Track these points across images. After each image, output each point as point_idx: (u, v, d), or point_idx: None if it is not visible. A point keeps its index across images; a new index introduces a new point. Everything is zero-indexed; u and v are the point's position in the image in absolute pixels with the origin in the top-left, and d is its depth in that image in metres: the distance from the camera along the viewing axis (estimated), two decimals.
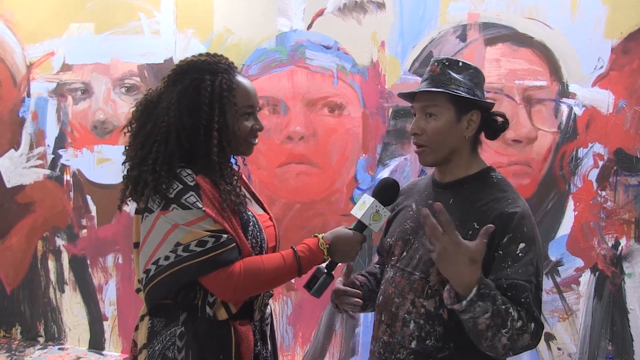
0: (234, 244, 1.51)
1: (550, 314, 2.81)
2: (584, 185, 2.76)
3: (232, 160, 1.74)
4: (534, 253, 1.49)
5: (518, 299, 1.44)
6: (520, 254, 1.47)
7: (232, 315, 1.55)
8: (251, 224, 1.60)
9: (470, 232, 1.53)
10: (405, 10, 2.97)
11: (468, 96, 1.56)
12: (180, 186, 1.49)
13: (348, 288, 1.72)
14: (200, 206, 1.48)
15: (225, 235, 1.49)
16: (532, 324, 1.43)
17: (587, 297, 2.78)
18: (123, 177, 1.60)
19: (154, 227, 1.49)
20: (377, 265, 1.91)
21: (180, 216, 1.47)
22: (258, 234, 1.62)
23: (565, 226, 2.79)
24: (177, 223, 1.47)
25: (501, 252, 1.48)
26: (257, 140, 1.70)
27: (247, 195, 1.71)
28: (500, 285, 1.46)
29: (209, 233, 1.47)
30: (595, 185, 2.74)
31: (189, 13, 3.34)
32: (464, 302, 1.35)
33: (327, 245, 1.61)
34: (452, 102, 1.57)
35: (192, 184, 1.50)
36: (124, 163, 1.61)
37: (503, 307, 1.37)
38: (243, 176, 1.82)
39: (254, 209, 1.68)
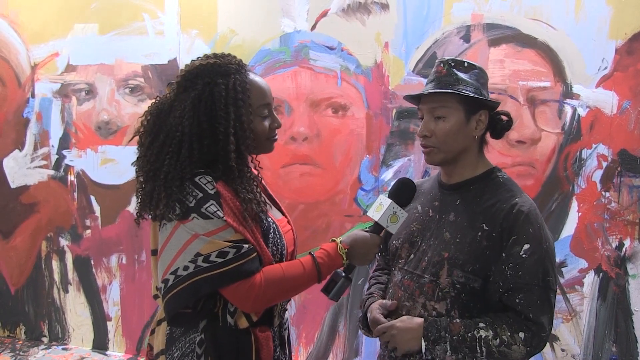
0: (255, 254, 1.48)
1: (554, 315, 2.80)
2: (588, 186, 2.75)
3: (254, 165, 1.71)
4: (541, 253, 1.49)
5: (512, 301, 1.47)
6: (524, 255, 1.48)
7: (252, 323, 1.53)
8: (272, 231, 1.58)
9: (479, 234, 1.53)
10: (409, 11, 2.97)
11: (477, 96, 1.56)
12: (200, 194, 1.45)
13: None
14: (221, 215, 1.44)
15: (246, 246, 1.46)
16: (522, 334, 1.45)
17: (591, 298, 2.78)
18: (137, 189, 1.57)
19: (172, 236, 1.46)
20: (384, 273, 1.87)
21: (200, 226, 1.43)
22: (278, 240, 1.59)
23: (569, 227, 2.79)
24: (197, 233, 1.43)
25: (504, 255, 1.49)
26: (277, 137, 1.67)
27: (267, 200, 1.68)
28: (497, 289, 1.49)
29: (230, 243, 1.44)
30: (599, 186, 2.74)
31: (193, 14, 3.34)
32: (424, 354, 1.50)
33: (346, 250, 1.58)
34: (461, 102, 1.56)
35: (212, 192, 1.46)
36: (137, 177, 1.57)
37: (468, 335, 1.46)
38: (262, 180, 1.78)
39: (273, 215, 1.65)
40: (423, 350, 1.48)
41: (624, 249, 2.72)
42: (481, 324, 1.46)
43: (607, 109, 2.70)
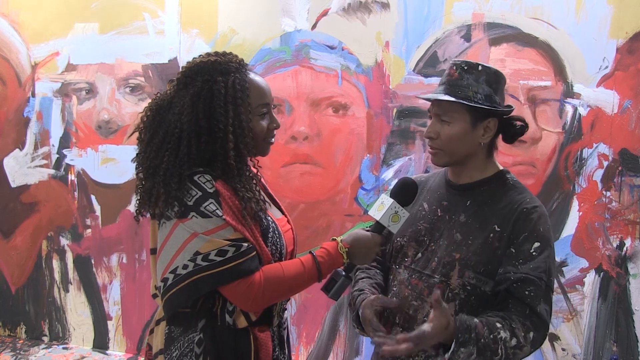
0: (254, 253, 1.48)
1: (555, 315, 2.81)
2: (589, 185, 2.75)
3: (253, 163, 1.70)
4: (548, 253, 1.51)
5: (522, 293, 1.46)
6: (534, 253, 1.49)
7: (251, 322, 1.53)
8: (271, 230, 1.57)
9: (491, 235, 1.54)
10: (409, 10, 2.97)
11: (483, 106, 1.54)
12: (200, 193, 1.45)
13: (376, 323, 1.61)
14: (220, 214, 1.44)
15: (245, 244, 1.46)
16: (531, 333, 1.44)
17: (591, 298, 2.78)
18: (136, 186, 1.56)
19: (171, 235, 1.46)
20: (378, 272, 1.84)
21: (199, 225, 1.43)
22: (278, 240, 1.59)
23: (570, 227, 2.79)
24: (196, 232, 1.43)
25: (513, 250, 1.50)
26: (273, 140, 1.66)
27: (266, 199, 1.68)
28: (508, 277, 1.48)
29: (229, 242, 1.44)
30: (599, 185, 2.73)
31: (194, 13, 3.34)
32: (447, 356, 1.41)
33: (347, 249, 1.57)
34: (467, 110, 1.55)
35: (211, 190, 1.46)
36: (137, 173, 1.57)
37: (490, 337, 1.41)
38: (262, 179, 1.78)
39: (273, 214, 1.65)
40: (452, 349, 1.41)
41: (624, 249, 2.71)
42: (498, 324, 1.44)
43: (608, 108, 2.70)
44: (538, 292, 1.46)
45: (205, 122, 1.50)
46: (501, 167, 1.67)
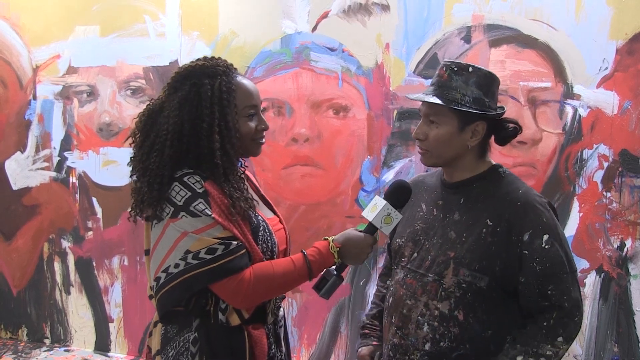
0: (244, 251, 1.50)
1: None
2: (589, 186, 2.75)
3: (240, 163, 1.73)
4: (558, 239, 1.50)
5: (545, 292, 1.47)
6: (546, 247, 1.48)
7: (244, 320, 1.55)
8: (261, 228, 1.59)
9: (484, 230, 1.53)
10: (409, 12, 2.97)
11: (469, 110, 1.54)
12: (189, 193, 1.48)
13: None
14: (209, 213, 1.47)
15: (234, 242, 1.49)
16: (560, 338, 1.46)
17: (592, 299, 2.78)
18: (132, 189, 1.60)
19: (163, 235, 1.49)
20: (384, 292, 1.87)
21: (189, 224, 1.46)
22: (268, 238, 1.61)
23: (571, 227, 2.79)
24: (186, 231, 1.46)
25: (526, 252, 1.49)
26: (264, 140, 1.69)
27: (256, 198, 1.71)
28: (533, 290, 1.49)
29: (218, 240, 1.47)
30: (600, 186, 2.74)
31: (194, 15, 3.35)
32: None
33: (338, 249, 1.59)
34: (455, 113, 1.55)
35: (200, 190, 1.49)
36: (131, 175, 1.61)
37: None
38: (252, 179, 1.81)
39: (263, 213, 1.67)
40: None
41: (625, 249, 2.72)
42: (519, 358, 1.45)
43: (608, 109, 2.70)
44: (560, 287, 1.47)
45: (189, 124, 1.53)
46: (493, 163, 1.67)
